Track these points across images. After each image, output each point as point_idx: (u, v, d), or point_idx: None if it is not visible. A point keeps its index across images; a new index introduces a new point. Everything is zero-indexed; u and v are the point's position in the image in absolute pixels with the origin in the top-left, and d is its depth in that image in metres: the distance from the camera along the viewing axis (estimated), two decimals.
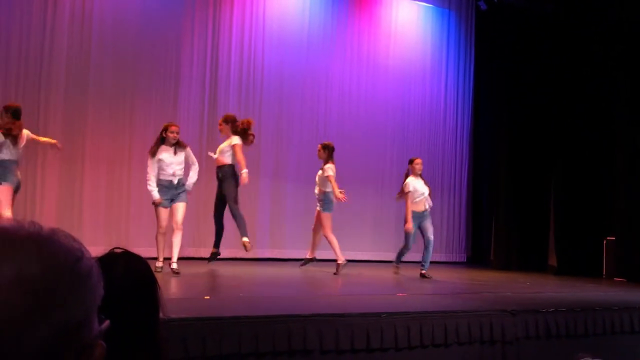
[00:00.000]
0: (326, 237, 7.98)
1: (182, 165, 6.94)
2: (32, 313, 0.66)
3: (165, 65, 9.07)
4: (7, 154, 6.39)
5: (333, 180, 7.82)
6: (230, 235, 9.43)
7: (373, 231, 10.56)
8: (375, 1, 10.75)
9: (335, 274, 7.71)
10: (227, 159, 7.27)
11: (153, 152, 6.86)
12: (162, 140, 6.91)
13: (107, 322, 0.75)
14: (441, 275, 8.59)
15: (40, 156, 8.27)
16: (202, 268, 7.93)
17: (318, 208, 8.05)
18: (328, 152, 7.98)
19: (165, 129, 6.92)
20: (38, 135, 7.03)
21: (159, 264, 6.69)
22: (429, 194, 8.26)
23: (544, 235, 10.24)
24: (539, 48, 10.38)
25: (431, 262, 10.77)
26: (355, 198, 10.37)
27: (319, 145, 8.12)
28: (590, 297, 6.47)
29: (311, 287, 6.73)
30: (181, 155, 6.93)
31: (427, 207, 8.20)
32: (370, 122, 10.53)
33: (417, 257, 10.81)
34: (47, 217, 8.05)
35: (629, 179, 8.98)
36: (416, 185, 8.07)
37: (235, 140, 7.27)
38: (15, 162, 6.49)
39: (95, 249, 1.51)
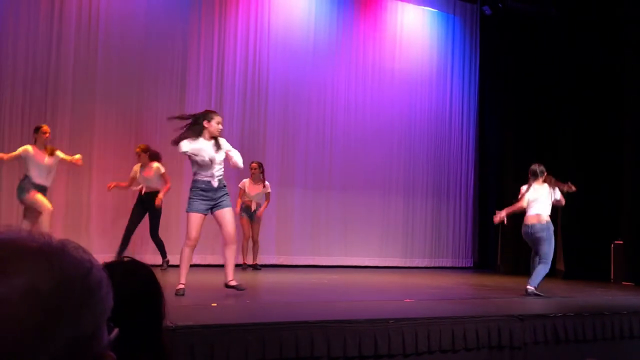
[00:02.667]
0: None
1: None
2: (42, 328, 0.65)
3: (171, 73, 9.12)
4: None
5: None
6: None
7: (380, 238, 10.56)
8: (380, 7, 10.77)
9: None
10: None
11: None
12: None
13: (116, 331, 0.74)
14: (448, 280, 8.57)
15: None
16: (208, 275, 7.94)
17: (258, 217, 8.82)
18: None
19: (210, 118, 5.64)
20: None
21: (182, 285, 5.46)
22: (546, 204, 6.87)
23: None
24: (544, 52, 10.37)
25: (438, 268, 10.82)
26: (362, 204, 10.39)
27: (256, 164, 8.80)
28: (599, 301, 6.44)
29: (318, 294, 6.72)
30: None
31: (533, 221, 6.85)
32: (376, 128, 10.54)
33: (425, 262, 10.84)
34: (55, 225, 8.08)
35: (637, 182, 8.95)
36: (531, 190, 6.96)
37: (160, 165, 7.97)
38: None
39: (103, 257, 1.53)
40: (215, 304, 5.05)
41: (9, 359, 0.63)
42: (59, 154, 7.21)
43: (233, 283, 5.66)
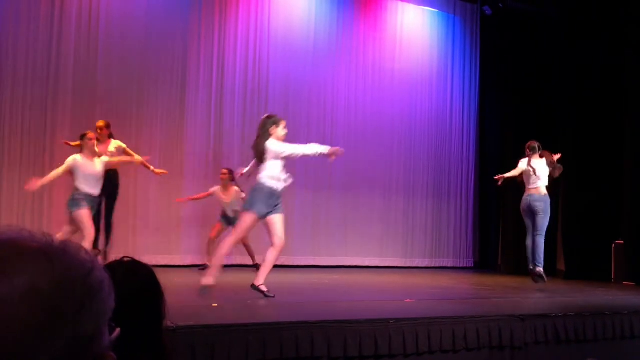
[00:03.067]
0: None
1: None
2: (42, 328, 0.65)
3: (171, 73, 9.11)
4: None
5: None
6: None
7: (380, 238, 10.55)
8: (380, 7, 10.76)
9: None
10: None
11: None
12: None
13: (117, 331, 0.74)
14: (449, 280, 8.56)
15: (47, 163, 8.30)
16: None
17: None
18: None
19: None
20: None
21: (211, 281, 5.53)
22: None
23: (552, 240, 10.20)
24: (544, 52, 10.37)
25: (438, 268, 10.82)
26: (362, 204, 10.38)
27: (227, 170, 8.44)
28: (600, 301, 6.44)
29: (318, 294, 6.72)
30: None
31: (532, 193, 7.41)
32: (377, 128, 10.53)
33: (425, 262, 10.83)
34: (56, 226, 8.07)
35: (637, 182, 8.95)
36: (521, 164, 7.59)
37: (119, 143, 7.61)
38: None
39: (103, 258, 1.53)
40: (216, 304, 5.05)
41: (9, 359, 0.63)
42: (105, 158, 6.90)
43: (263, 288, 5.55)
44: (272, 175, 5.59)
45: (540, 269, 7.23)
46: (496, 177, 7.67)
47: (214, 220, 8.60)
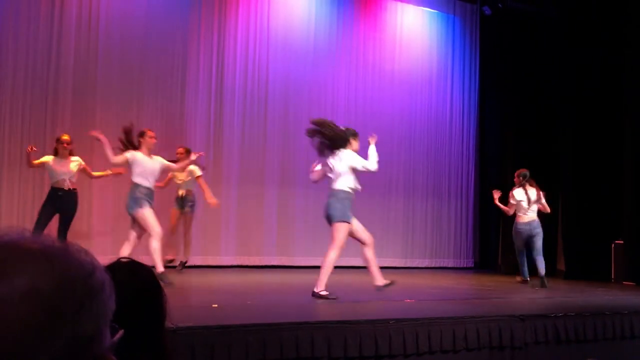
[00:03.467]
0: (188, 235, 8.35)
1: None
2: (42, 328, 0.65)
3: (171, 73, 9.11)
4: None
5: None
6: (236, 243, 9.46)
7: (380, 238, 10.52)
8: (380, 8, 10.76)
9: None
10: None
11: None
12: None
13: (120, 332, 0.74)
14: (449, 280, 8.56)
15: None
16: (209, 276, 7.96)
17: (188, 209, 8.22)
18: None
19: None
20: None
21: (326, 291, 5.88)
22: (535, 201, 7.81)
23: (553, 240, 10.21)
24: (544, 52, 10.38)
25: (439, 268, 10.81)
26: (361, 205, 10.37)
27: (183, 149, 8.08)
28: (600, 301, 6.45)
29: None
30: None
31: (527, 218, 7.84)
32: (376, 129, 10.44)
33: (425, 262, 10.82)
34: (56, 225, 8.06)
35: (637, 182, 8.95)
36: (516, 194, 7.96)
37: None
38: None
39: (103, 259, 1.52)
40: (216, 305, 5.05)
41: (9, 359, 0.63)
42: (162, 160, 6.77)
43: (384, 282, 5.95)
44: (350, 185, 6.06)
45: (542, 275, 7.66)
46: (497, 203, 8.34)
47: (214, 221, 8.59)
